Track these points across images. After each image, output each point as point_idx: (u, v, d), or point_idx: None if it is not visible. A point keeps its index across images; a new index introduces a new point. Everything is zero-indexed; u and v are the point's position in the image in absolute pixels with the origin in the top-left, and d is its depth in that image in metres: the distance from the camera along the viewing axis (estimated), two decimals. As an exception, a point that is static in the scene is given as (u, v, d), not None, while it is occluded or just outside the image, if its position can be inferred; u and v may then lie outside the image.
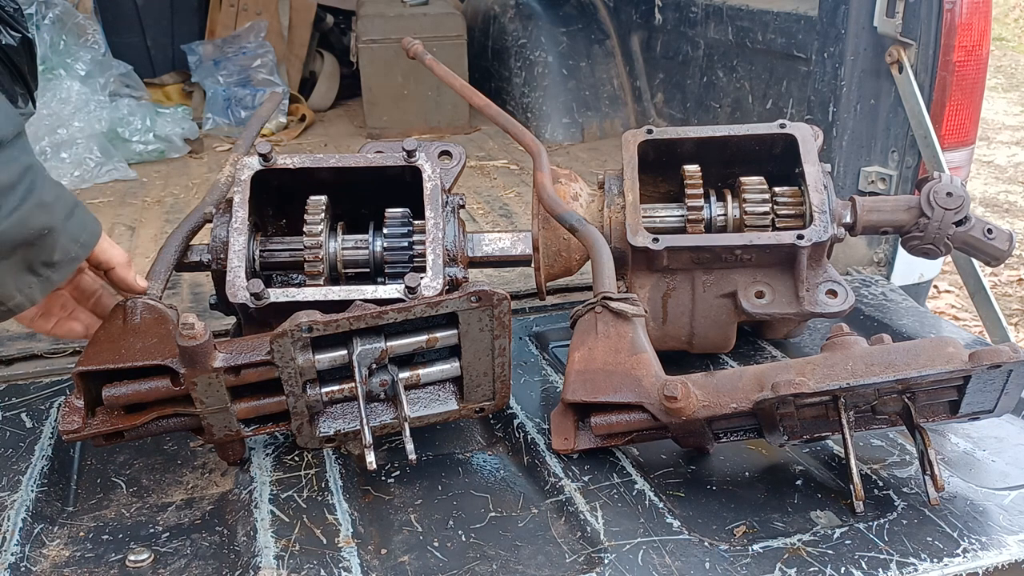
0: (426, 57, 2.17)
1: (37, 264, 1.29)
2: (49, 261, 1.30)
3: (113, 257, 1.49)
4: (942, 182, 1.84)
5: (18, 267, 1.27)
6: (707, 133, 1.93)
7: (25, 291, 1.30)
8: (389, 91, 4.16)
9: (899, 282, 2.46)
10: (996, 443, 1.65)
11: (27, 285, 1.30)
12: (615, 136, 3.93)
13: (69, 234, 1.31)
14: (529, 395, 1.82)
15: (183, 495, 1.55)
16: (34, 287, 1.31)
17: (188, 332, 1.35)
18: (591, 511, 1.44)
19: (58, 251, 1.30)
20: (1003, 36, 10.96)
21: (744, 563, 1.32)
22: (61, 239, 1.30)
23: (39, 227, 1.25)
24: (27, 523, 1.44)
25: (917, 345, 1.43)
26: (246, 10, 4.72)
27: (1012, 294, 4.81)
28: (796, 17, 2.69)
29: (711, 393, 1.46)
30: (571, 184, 1.94)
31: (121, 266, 1.51)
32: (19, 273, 1.28)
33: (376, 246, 1.75)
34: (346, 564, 1.33)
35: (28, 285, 1.30)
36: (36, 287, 1.31)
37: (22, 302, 1.31)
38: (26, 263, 1.28)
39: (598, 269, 1.67)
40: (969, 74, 2.32)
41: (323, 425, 1.55)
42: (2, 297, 1.28)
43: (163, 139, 3.92)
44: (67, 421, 1.43)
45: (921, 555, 1.32)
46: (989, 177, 6.51)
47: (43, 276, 1.31)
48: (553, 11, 4.17)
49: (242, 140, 1.96)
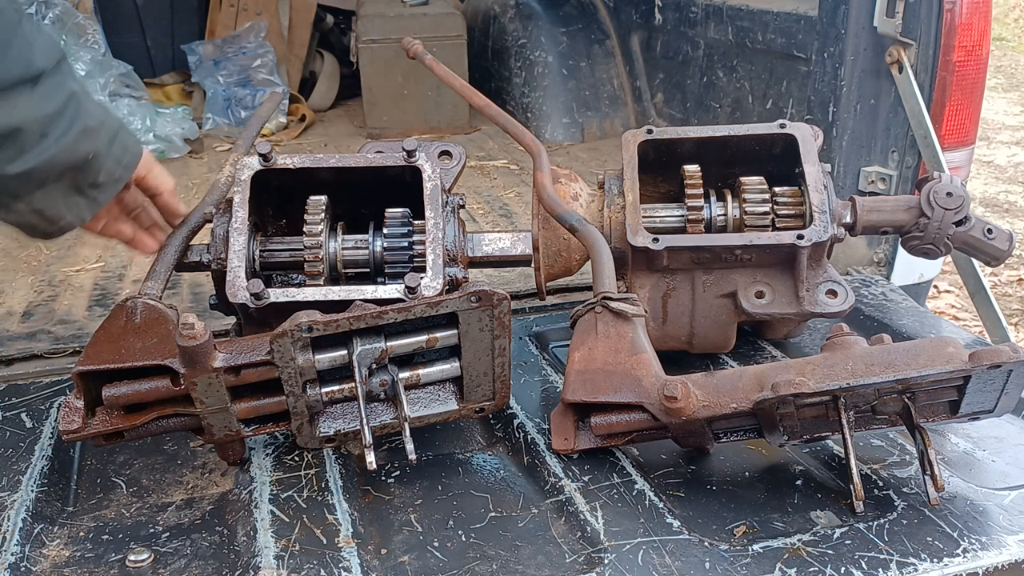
0: (426, 57, 2.17)
1: (84, 186, 1.36)
2: (95, 183, 1.38)
3: (161, 184, 1.59)
4: (942, 182, 1.84)
5: (67, 189, 1.35)
6: (707, 133, 1.93)
7: (74, 211, 1.38)
8: (389, 91, 4.16)
9: (899, 282, 2.46)
10: (996, 443, 1.65)
11: (76, 205, 1.38)
12: (615, 136, 3.93)
13: (113, 157, 1.38)
14: (529, 395, 1.82)
15: (183, 495, 1.55)
16: (82, 207, 1.39)
17: (188, 332, 1.35)
18: (591, 511, 1.44)
19: (103, 173, 1.38)
20: (1003, 36, 10.96)
21: (744, 563, 1.32)
22: (106, 162, 1.37)
23: (85, 152, 1.32)
24: (27, 523, 1.44)
25: (917, 345, 1.43)
26: (246, 10, 4.72)
27: (1012, 294, 4.81)
28: (796, 17, 2.69)
29: (711, 393, 1.46)
30: (571, 184, 1.94)
31: (168, 192, 1.61)
32: (68, 195, 1.35)
33: (376, 246, 1.75)
34: (346, 564, 1.33)
35: (76, 205, 1.38)
36: (84, 207, 1.40)
37: (72, 221, 1.40)
38: (74, 185, 1.35)
39: (598, 269, 1.67)
40: (969, 74, 2.32)
41: (323, 425, 1.55)
42: (53, 217, 1.37)
43: (163, 139, 3.92)
44: (67, 421, 1.43)
45: (921, 555, 1.32)
46: (989, 177, 6.51)
47: (90, 197, 1.39)
48: (553, 11, 4.17)
49: (242, 140, 1.96)
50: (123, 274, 2.62)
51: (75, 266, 2.69)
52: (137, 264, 2.70)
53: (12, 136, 1.23)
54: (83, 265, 2.70)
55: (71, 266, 2.69)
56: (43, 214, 1.35)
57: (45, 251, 2.83)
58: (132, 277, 2.59)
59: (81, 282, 2.56)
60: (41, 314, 2.33)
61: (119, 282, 2.56)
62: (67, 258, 2.76)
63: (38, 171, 1.28)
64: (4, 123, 1.22)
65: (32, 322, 2.27)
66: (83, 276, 2.61)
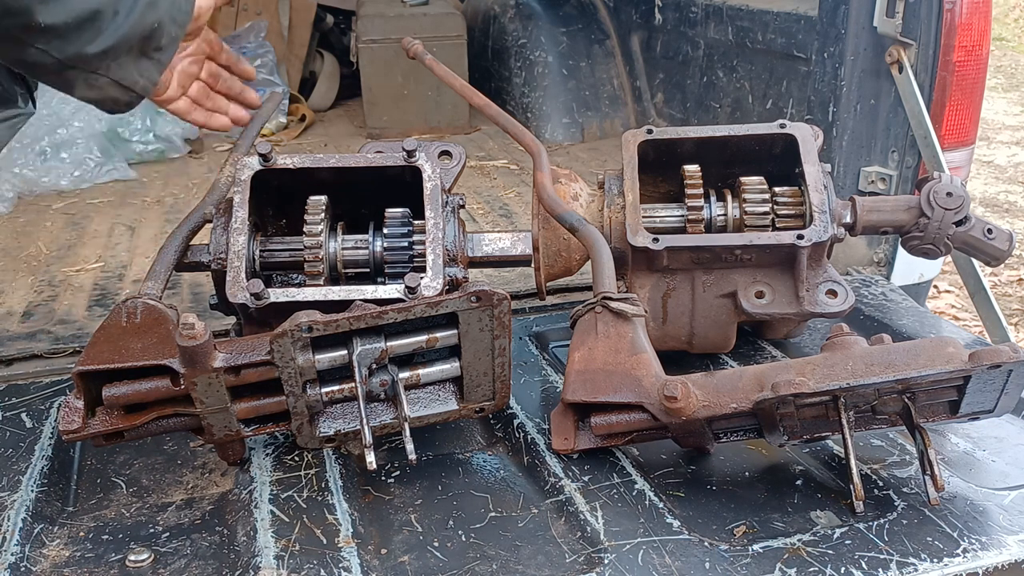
0: (426, 57, 2.17)
1: (150, 51, 1.49)
2: (158, 46, 1.50)
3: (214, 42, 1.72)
4: (942, 182, 1.84)
5: (137, 56, 1.47)
6: (707, 133, 1.93)
7: (145, 75, 1.51)
8: (389, 91, 4.16)
9: (899, 282, 2.46)
10: (996, 443, 1.65)
11: (145, 70, 1.50)
12: (615, 136, 3.93)
13: (170, 18, 1.50)
14: (529, 395, 1.82)
15: (183, 495, 1.55)
16: (151, 69, 1.52)
17: (188, 332, 1.35)
18: (591, 511, 1.44)
19: (164, 36, 1.49)
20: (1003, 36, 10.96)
21: (744, 563, 1.32)
22: (166, 26, 1.49)
23: (151, 23, 1.45)
24: (27, 523, 1.44)
25: (917, 345, 1.43)
26: (246, 10, 4.72)
27: (1012, 294, 4.81)
28: (796, 17, 2.69)
29: (711, 393, 1.46)
30: (571, 184, 1.94)
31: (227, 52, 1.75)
32: (138, 61, 1.48)
33: (376, 246, 1.75)
34: (346, 564, 1.33)
35: (146, 69, 1.50)
36: (153, 69, 1.52)
37: (146, 85, 1.52)
38: (142, 52, 1.47)
39: (598, 269, 1.67)
40: (969, 74, 2.32)
41: (323, 425, 1.55)
42: (129, 83, 1.49)
43: (163, 139, 3.92)
44: (67, 421, 1.43)
45: (921, 555, 1.32)
46: (989, 177, 6.51)
47: (155, 59, 1.51)
48: (553, 11, 4.17)
49: (242, 140, 1.96)
50: (123, 274, 2.62)
51: (75, 266, 2.69)
52: (137, 264, 2.70)
53: (92, 18, 1.36)
54: (83, 265, 2.70)
55: (71, 266, 2.69)
56: (121, 84, 1.47)
57: (45, 251, 2.83)
58: (132, 277, 2.59)
59: (81, 282, 2.56)
60: (41, 314, 2.33)
61: (119, 282, 2.56)
62: (67, 258, 2.76)
63: (115, 46, 1.41)
64: (85, 7, 1.34)
65: (32, 322, 2.27)
66: (83, 276, 2.61)
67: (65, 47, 1.36)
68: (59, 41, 1.35)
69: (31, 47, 1.35)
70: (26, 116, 1.71)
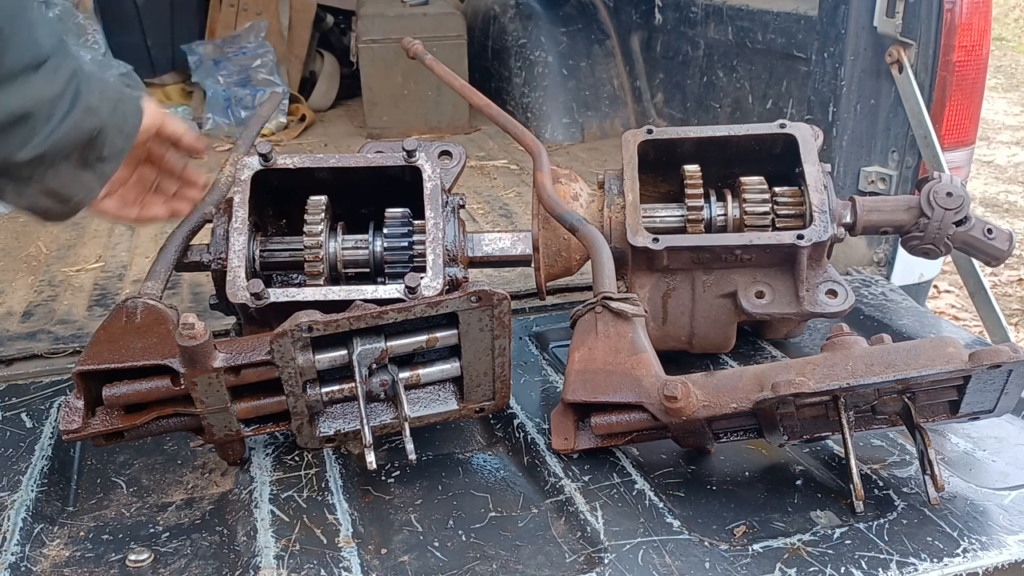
0: (426, 57, 2.17)
1: (91, 160, 1.38)
2: (101, 156, 1.39)
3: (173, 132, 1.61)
4: (942, 182, 1.84)
5: (75, 166, 1.36)
6: (707, 133, 1.93)
7: (84, 187, 1.40)
8: (389, 91, 4.16)
9: (899, 282, 2.46)
10: (996, 443, 1.65)
11: (85, 181, 1.39)
12: (615, 136, 3.92)
13: (115, 127, 1.40)
14: (529, 395, 1.82)
15: (183, 495, 1.55)
16: (91, 182, 1.40)
17: (188, 332, 1.35)
18: (591, 511, 1.44)
19: (107, 146, 1.39)
20: (1003, 36, 10.96)
21: (744, 563, 1.32)
22: (109, 135, 1.39)
23: (89, 129, 1.33)
24: (27, 523, 1.44)
25: (917, 345, 1.43)
26: (246, 10, 4.72)
27: (1012, 294, 4.81)
28: (796, 17, 2.69)
29: (711, 393, 1.46)
30: (571, 184, 1.94)
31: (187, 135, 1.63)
32: (77, 172, 1.37)
33: (376, 246, 1.75)
34: (346, 564, 1.33)
35: (86, 181, 1.39)
36: (93, 181, 1.41)
37: (84, 197, 1.41)
38: (82, 161, 1.36)
39: (598, 269, 1.67)
40: (969, 74, 2.32)
41: (323, 425, 1.55)
42: (66, 196, 1.37)
43: (163, 139, 3.92)
44: (67, 421, 1.43)
45: (921, 555, 1.32)
46: (989, 177, 6.51)
47: (98, 171, 1.40)
48: (553, 11, 4.17)
49: (242, 140, 1.96)
50: (123, 274, 2.62)
51: (75, 266, 2.69)
52: (137, 264, 2.70)
53: (22, 121, 1.23)
54: (83, 265, 2.70)
55: (71, 266, 2.69)
56: (56, 194, 1.36)
57: (45, 251, 2.83)
58: (132, 277, 2.59)
59: (81, 282, 2.56)
60: (41, 314, 2.33)
61: (119, 282, 2.56)
62: (67, 258, 2.76)
63: (49, 153, 1.29)
64: (15, 108, 1.22)
65: (32, 322, 2.27)
66: (83, 276, 2.61)
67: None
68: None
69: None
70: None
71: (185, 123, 1.64)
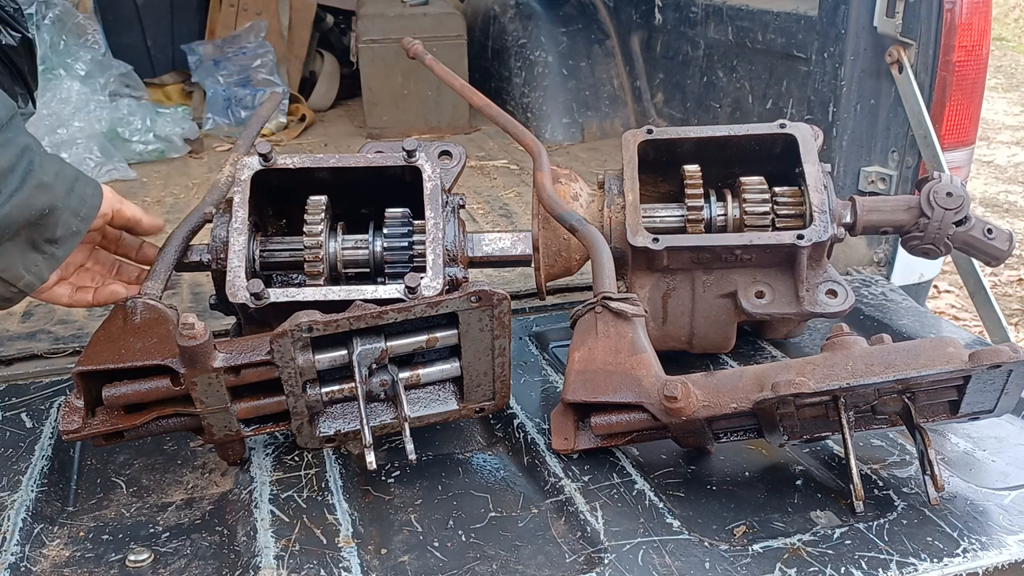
0: (426, 57, 2.16)
1: (40, 242, 1.31)
2: (52, 238, 1.32)
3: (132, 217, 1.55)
4: (942, 182, 1.84)
5: (23, 247, 1.29)
6: (707, 133, 1.93)
7: (32, 269, 1.32)
8: (389, 91, 4.16)
9: (899, 282, 2.46)
10: (996, 443, 1.65)
11: (34, 264, 1.32)
12: (615, 136, 3.92)
13: (70, 209, 1.33)
14: (529, 395, 1.82)
15: (183, 495, 1.55)
16: (40, 265, 1.33)
17: (188, 332, 1.35)
18: (591, 511, 1.44)
19: (60, 227, 1.32)
20: (1003, 36, 10.96)
21: (744, 563, 1.32)
22: (63, 215, 1.31)
23: (40, 207, 1.26)
24: (27, 523, 1.44)
25: (917, 345, 1.43)
26: (246, 10, 4.72)
27: (1012, 294, 4.81)
28: (796, 17, 2.69)
29: (711, 393, 1.46)
30: (571, 184, 1.94)
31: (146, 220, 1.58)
32: (24, 253, 1.30)
33: (376, 246, 1.75)
34: (346, 564, 1.33)
35: (35, 263, 1.32)
36: (43, 264, 1.33)
37: (31, 281, 1.33)
38: (30, 242, 1.29)
39: (598, 269, 1.67)
40: (969, 74, 2.32)
41: (323, 425, 1.55)
42: (11, 279, 1.30)
43: (163, 139, 3.92)
44: (67, 421, 1.43)
45: (921, 555, 1.32)
46: (989, 177, 6.51)
47: (48, 253, 1.33)
48: (553, 11, 4.17)
49: (242, 140, 1.96)
50: (123, 274, 2.62)
51: (75, 266, 2.69)
52: (137, 264, 2.69)
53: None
54: (83, 265, 2.69)
55: (71, 266, 2.69)
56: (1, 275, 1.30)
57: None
58: (132, 277, 2.59)
59: (81, 282, 2.56)
60: (41, 314, 2.33)
61: (119, 282, 2.56)
62: (67, 258, 2.76)
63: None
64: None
65: (32, 322, 2.27)
66: (83, 276, 2.61)
67: None
68: None
69: None
70: (26, 116, 1.71)
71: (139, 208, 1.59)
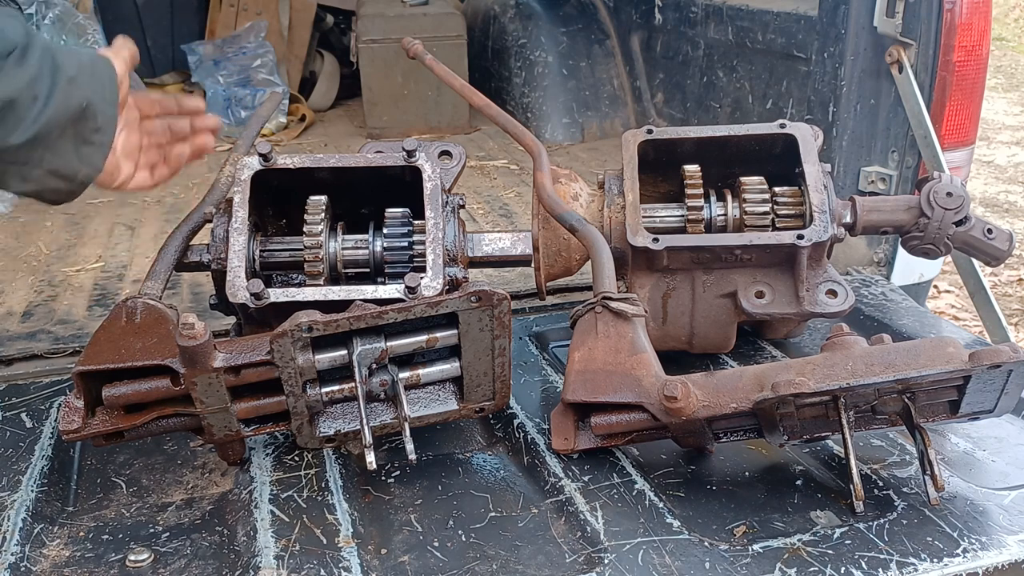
0: (426, 57, 2.17)
1: (87, 133, 1.36)
2: (95, 127, 1.37)
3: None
4: (942, 182, 1.84)
5: (74, 143, 1.35)
6: (707, 133, 1.93)
7: (87, 161, 1.38)
8: (389, 91, 4.16)
9: (899, 282, 2.46)
10: (996, 443, 1.65)
11: (86, 156, 1.38)
12: (615, 136, 3.92)
13: (99, 96, 1.38)
14: (529, 395, 1.82)
15: (183, 495, 1.55)
16: (93, 156, 1.39)
17: (188, 332, 1.35)
18: (591, 511, 1.44)
19: (99, 116, 1.37)
20: (1003, 36, 10.96)
21: (744, 563, 1.32)
22: (98, 103, 1.37)
23: (78, 102, 1.32)
24: (27, 523, 1.44)
25: (917, 345, 1.43)
26: (246, 10, 4.72)
27: (1012, 294, 4.81)
28: (796, 17, 2.69)
29: (711, 393, 1.46)
30: (571, 184, 1.94)
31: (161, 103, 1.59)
32: (76, 147, 1.36)
33: (376, 246, 1.75)
34: (346, 564, 1.33)
35: (87, 156, 1.38)
36: (94, 155, 1.39)
37: (89, 172, 1.39)
38: (79, 137, 1.35)
39: (598, 269, 1.67)
40: (969, 74, 2.32)
41: (323, 425, 1.55)
42: (69, 174, 1.36)
43: (163, 139, 3.92)
44: (67, 421, 1.43)
45: (921, 555, 1.32)
46: (989, 177, 6.50)
47: (95, 143, 1.38)
48: (553, 11, 4.17)
49: (242, 140, 1.96)
50: (123, 274, 2.62)
51: (75, 266, 2.69)
52: (137, 264, 2.70)
53: (8, 109, 1.25)
54: (83, 265, 2.70)
55: (71, 266, 2.69)
56: (59, 173, 1.36)
57: (45, 251, 2.83)
58: (132, 277, 2.59)
59: (81, 282, 2.56)
60: (41, 314, 2.33)
61: (119, 282, 2.56)
62: (67, 258, 2.76)
63: (42, 133, 1.29)
64: None
65: (32, 322, 2.27)
66: (83, 276, 2.61)
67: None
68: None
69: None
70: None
71: None
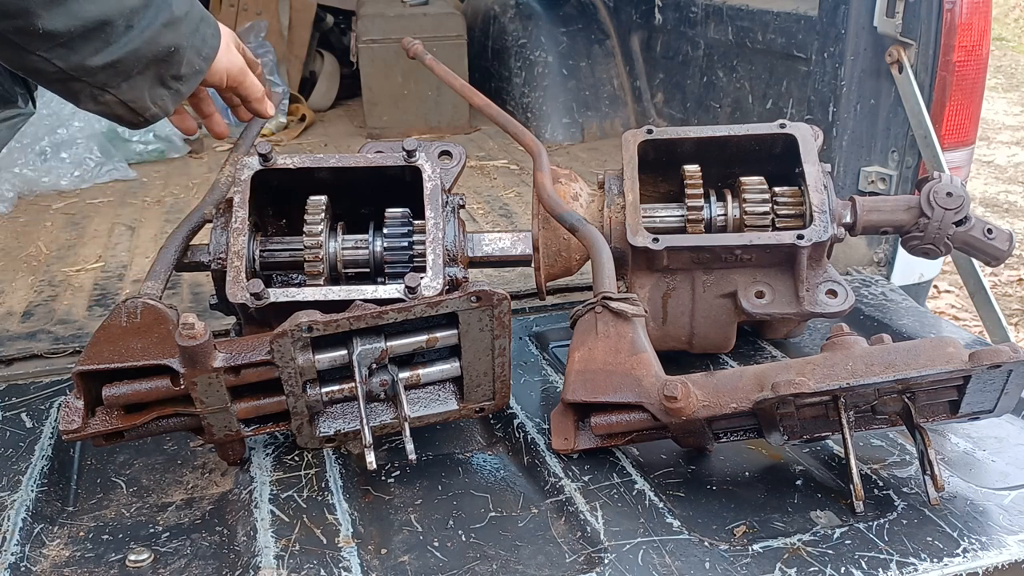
0: (426, 57, 2.17)
1: (168, 78, 1.40)
2: (177, 75, 1.41)
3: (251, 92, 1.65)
4: (942, 182, 1.84)
5: (151, 81, 1.38)
6: (707, 133, 1.93)
7: (158, 103, 1.41)
8: (389, 91, 4.16)
9: (899, 282, 2.46)
10: (996, 443, 1.65)
11: (160, 97, 1.41)
12: (615, 136, 3.92)
13: (194, 49, 1.41)
14: (529, 395, 1.82)
15: (183, 495, 1.55)
16: (167, 99, 1.43)
17: (188, 332, 1.35)
18: (591, 511, 1.44)
19: (185, 65, 1.40)
20: (1003, 36, 10.96)
21: (744, 563, 1.32)
22: (187, 54, 1.40)
23: (168, 45, 1.35)
24: (27, 523, 1.44)
25: (917, 345, 1.43)
26: (246, 10, 4.72)
27: (1012, 294, 4.81)
28: (796, 17, 2.69)
29: (711, 393, 1.46)
30: (571, 184, 1.94)
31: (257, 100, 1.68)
32: (153, 86, 1.39)
33: (376, 246, 1.75)
34: (346, 564, 1.33)
35: (161, 97, 1.41)
36: (168, 99, 1.43)
37: (157, 112, 1.43)
38: (158, 77, 1.39)
39: (598, 269, 1.67)
40: (969, 74, 2.32)
41: (323, 425, 1.55)
42: (139, 108, 1.40)
43: (163, 139, 3.92)
44: (67, 421, 1.43)
45: (921, 555, 1.32)
46: (989, 177, 6.50)
47: (173, 89, 1.42)
48: (553, 11, 4.17)
49: (242, 140, 1.96)
50: (123, 274, 2.62)
51: (75, 266, 2.69)
52: (137, 264, 2.70)
53: (99, 28, 1.26)
54: (83, 265, 2.70)
55: (71, 266, 2.69)
56: (129, 105, 1.38)
57: (45, 251, 2.83)
58: (132, 277, 2.59)
59: (81, 282, 2.56)
60: (41, 314, 2.33)
61: (119, 282, 2.56)
62: (67, 258, 2.76)
63: (123, 63, 1.31)
64: (93, 15, 1.25)
65: (32, 322, 2.27)
66: (83, 276, 2.61)
67: (69, 56, 1.27)
68: (62, 49, 1.26)
69: (32, 54, 1.26)
70: (26, 116, 1.71)
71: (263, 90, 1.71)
